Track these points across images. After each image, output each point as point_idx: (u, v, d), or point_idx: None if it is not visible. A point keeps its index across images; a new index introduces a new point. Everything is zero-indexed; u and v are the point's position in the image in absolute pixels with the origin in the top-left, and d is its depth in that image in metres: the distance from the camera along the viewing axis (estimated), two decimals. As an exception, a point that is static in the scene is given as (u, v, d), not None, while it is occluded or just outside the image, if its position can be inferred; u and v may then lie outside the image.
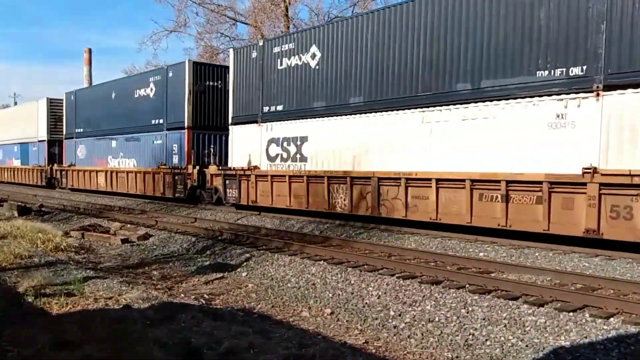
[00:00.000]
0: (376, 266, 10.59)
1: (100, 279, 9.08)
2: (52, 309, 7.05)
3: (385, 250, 12.18)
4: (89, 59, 50.61)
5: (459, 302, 8.27)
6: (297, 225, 16.71)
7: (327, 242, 13.49)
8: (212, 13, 32.89)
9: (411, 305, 8.55)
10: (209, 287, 10.45)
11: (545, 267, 10.37)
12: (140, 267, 12.26)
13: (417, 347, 7.35)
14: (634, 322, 6.94)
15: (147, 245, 14.80)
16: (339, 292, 9.58)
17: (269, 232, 15.33)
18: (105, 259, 13.22)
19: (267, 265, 11.57)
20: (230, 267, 11.87)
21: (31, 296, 7.52)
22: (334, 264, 10.88)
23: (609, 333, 6.79)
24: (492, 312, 7.80)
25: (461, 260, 10.97)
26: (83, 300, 7.45)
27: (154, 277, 11.21)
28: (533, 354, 6.65)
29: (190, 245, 14.25)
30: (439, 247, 12.70)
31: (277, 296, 9.87)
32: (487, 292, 8.52)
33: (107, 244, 15.02)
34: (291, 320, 8.48)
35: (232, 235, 14.69)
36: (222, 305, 9.05)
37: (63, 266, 10.11)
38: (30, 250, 11.46)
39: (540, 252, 11.50)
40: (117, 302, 7.47)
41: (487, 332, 7.33)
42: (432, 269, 10.07)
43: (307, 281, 10.35)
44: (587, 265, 10.41)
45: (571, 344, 6.68)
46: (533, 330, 7.17)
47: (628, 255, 10.77)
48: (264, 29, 31.19)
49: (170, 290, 10.04)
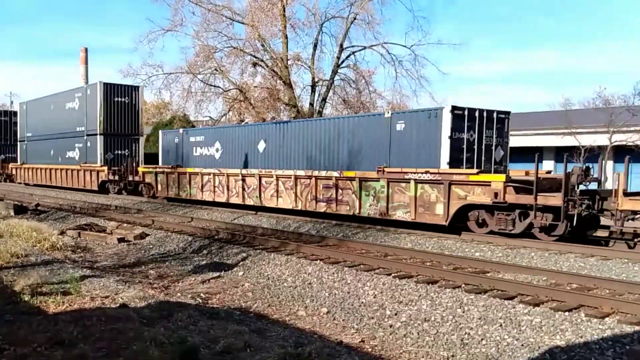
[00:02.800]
0: (372, 266, 10.60)
1: (97, 278, 9.08)
2: (48, 307, 7.04)
3: (382, 250, 12.19)
4: (85, 58, 50.53)
5: (455, 302, 8.29)
6: (293, 224, 16.72)
7: (324, 241, 13.50)
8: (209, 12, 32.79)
9: (407, 304, 8.57)
10: (205, 287, 10.45)
11: (541, 267, 10.41)
12: (136, 266, 12.25)
13: (413, 346, 7.37)
14: (630, 322, 6.97)
15: (143, 245, 14.79)
16: (335, 292, 9.59)
17: (266, 231, 15.33)
18: (101, 258, 13.20)
19: (263, 265, 11.57)
20: (227, 266, 11.87)
21: (27, 295, 7.50)
22: (330, 264, 10.89)
23: (605, 333, 6.82)
24: (488, 311, 7.82)
25: (457, 260, 10.99)
26: (79, 299, 7.44)
27: (151, 276, 11.20)
28: (529, 353, 6.67)
29: (186, 244, 14.23)
30: (435, 246, 12.73)
31: (274, 295, 9.88)
32: (483, 292, 8.54)
33: (104, 243, 15.00)
34: (287, 320, 8.50)
35: (229, 235, 14.68)
36: (218, 305, 9.05)
37: (59, 265, 10.09)
38: (26, 249, 11.43)
39: (536, 252, 11.53)
40: (114, 301, 7.46)
41: (483, 331, 7.35)
42: (428, 269, 10.09)
43: (303, 280, 10.36)
44: (583, 266, 10.45)
45: (566, 344, 6.71)
46: (529, 329, 7.20)
47: (624, 256, 10.82)
48: (260, 28, 31.11)
49: (167, 289, 10.04)
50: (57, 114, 34.34)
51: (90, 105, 30.67)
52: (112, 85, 30.63)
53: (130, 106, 31.03)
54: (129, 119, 31.02)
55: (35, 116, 37.53)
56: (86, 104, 31.16)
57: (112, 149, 30.25)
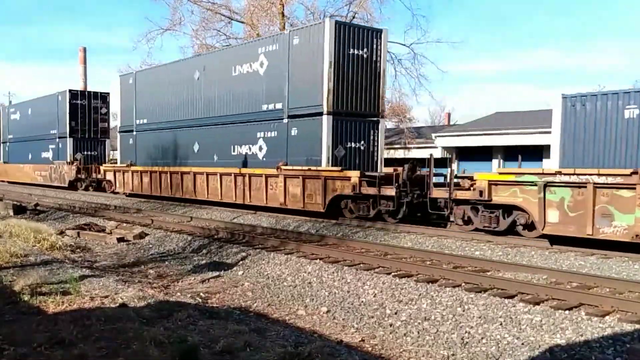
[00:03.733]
0: (372, 265, 10.60)
1: (96, 278, 9.07)
2: (48, 307, 7.03)
3: (381, 249, 12.19)
4: (84, 58, 50.45)
5: (455, 301, 8.29)
6: (293, 224, 16.71)
7: (323, 240, 13.50)
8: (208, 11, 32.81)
9: (407, 303, 8.56)
10: (205, 286, 10.44)
11: (540, 265, 10.41)
12: (136, 265, 12.24)
13: (413, 345, 7.36)
14: (630, 320, 6.97)
15: (143, 244, 14.78)
16: (335, 291, 9.58)
17: (265, 230, 15.33)
18: (101, 257, 13.19)
19: (263, 264, 11.57)
20: (227, 265, 11.86)
21: (27, 295, 7.49)
22: (330, 263, 10.88)
23: (605, 331, 6.82)
24: (488, 310, 7.81)
25: (457, 258, 10.99)
26: (79, 299, 7.43)
27: (150, 276, 11.19)
28: (529, 352, 6.67)
29: (186, 244, 14.22)
30: (434, 245, 12.73)
31: (273, 295, 9.87)
32: (483, 291, 8.54)
33: (103, 243, 14.98)
34: (287, 319, 8.49)
35: (228, 234, 14.67)
36: (218, 304, 9.04)
37: (59, 265, 10.08)
38: (25, 249, 11.42)
39: (536, 251, 11.53)
40: (113, 301, 7.45)
41: (483, 330, 7.35)
42: (428, 268, 10.09)
43: (303, 280, 10.35)
44: (583, 264, 10.45)
45: (567, 342, 6.71)
46: (529, 328, 7.19)
47: (624, 254, 10.82)
48: (259, 27, 31.12)
49: (167, 288, 10.02)
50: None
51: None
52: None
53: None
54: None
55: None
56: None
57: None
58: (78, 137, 33.69)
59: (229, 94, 20.86)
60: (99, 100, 34.81)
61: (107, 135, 35.42)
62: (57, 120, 34.54)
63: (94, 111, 34.41)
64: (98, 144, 34.83)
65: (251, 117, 19.84)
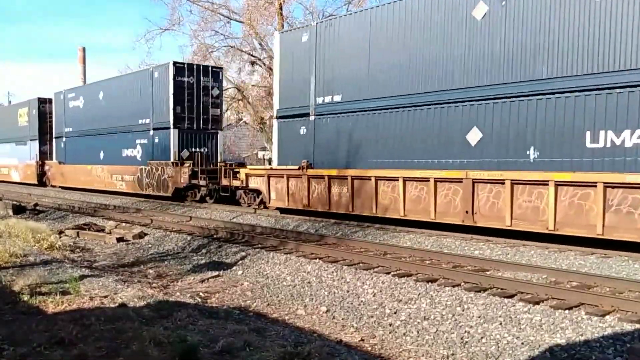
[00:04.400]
0: (372, 264, 10.59)
1: (96, 278, 9.06)
2: (47, 307, 7.02)
3: (381, 249, 12.18)
4: (83, 58, 50.40)
5: (455, 300, 8.29)
6: (292, 223, 16.70)
7: (322, 240, 13.49)
8: (207, 11, 32.81)
9: (407, 303, 8.56)
10: (204, 286, 10.44)
11: (540, 265, 10.41)
12: (135, 265, 12.23)
13: (413, 345, 7.36)
14: (630, 320, 6.97)
15: (142, 244, 14.77)
16: (335, 290, 9.58)
17: (264, 230, 15.32)
18: (100, 257, 13.18)
19: (262, 264, 11.56)
20: (226, 265, 11.85)
21: (27, 295, 7.48)
22: (330, 262, 10.88)
23: (605, 331, 6.82)
24: (488, 310, 7.81)
25: (456, 258, 10.98)
26: (79, 299, 7.42)
27: (150, 276, 11.18)
28: (529, 351, 6.67)
29: (185, 243, 14.22)
30: (434, 245, 12.72)
31: (273, 294, 9.87)
32: (483, 290, 8.54)
33: (102, 243, 14.97)
34: (287, 319, 8.49)
35: (228, 234, 14.66)
36: (217, 304, 9.04)
37: (58, 265, 10.07)
38: (25, 249, 11.40)
39: (535, 250, 11.53)
40: (113, 301, 7.44)
41: (483, 329, 7.35)
42: (427, 267, 10.08)
43: (302, 279, 10.35)
44: (583, 264, 10.45)
45: (567, 342, 6.71)
46: (529, 328, 7.19)
47: (624, 254, 10.82)
48: (258, 27, 31.11)
49: (166, 288, 10.02)
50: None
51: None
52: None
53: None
54: None
55: None
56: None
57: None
58: (184, 128, 24.34)
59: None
60: (209, 77, 25.08)
61: (218, 126, 25.98)
62: (152, 105, 25.44)
63: (203, 92, 24.94)
64: (208, 138, 25.31)
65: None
